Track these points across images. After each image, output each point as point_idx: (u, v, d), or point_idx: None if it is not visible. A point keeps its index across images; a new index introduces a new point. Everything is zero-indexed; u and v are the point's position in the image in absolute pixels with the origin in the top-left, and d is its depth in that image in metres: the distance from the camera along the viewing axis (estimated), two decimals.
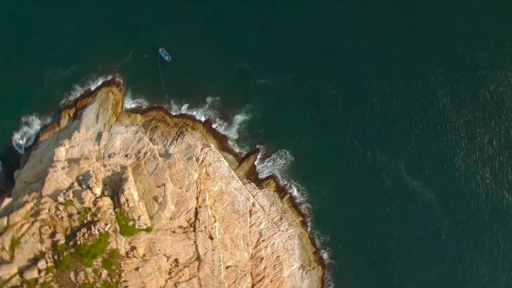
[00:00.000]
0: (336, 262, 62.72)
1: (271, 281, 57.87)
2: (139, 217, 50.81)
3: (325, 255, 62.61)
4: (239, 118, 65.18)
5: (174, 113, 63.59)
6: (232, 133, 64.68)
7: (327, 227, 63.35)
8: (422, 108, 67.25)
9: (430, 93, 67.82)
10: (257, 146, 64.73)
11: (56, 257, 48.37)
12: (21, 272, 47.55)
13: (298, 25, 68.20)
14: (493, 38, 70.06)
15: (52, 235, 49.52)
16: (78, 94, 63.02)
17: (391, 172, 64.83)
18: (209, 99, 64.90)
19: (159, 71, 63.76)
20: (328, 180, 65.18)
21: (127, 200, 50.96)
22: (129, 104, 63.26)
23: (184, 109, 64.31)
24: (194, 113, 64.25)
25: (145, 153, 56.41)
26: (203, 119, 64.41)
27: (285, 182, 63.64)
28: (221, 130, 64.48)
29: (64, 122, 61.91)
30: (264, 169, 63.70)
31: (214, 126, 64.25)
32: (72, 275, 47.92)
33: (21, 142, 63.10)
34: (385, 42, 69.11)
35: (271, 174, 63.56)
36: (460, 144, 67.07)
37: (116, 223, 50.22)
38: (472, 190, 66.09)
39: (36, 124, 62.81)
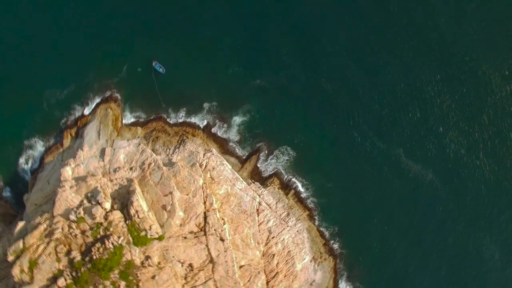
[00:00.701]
0: (347, 251, 64.47)
1: (285, 276, 59.74)
2: (150, 226, 52.68)
3: (335, 246, 64.36)
4: (237, 119, 67.00)
5: (173, 122, 65.48)
6: (232, 136, 66.47)
7: (334, 218, 65.13)
8: (416, 93, 68.80)
9: (422, 79, 69.32)
10: (258, 145, 66.50)
11: (74, 273, 50.18)
12: None
13: (285, 25, 69.87)
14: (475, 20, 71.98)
15: (68, 253, 51.41)
16: (78, 113, 64.99)
17: (391, 158, 66.52)
18: (206, 105, 66.70)
19: (154, 83, 65.60)
20: (331, 172, 66.89)
21: (136, 211, 52.81)
22: (129, 118, 65.19)
23: (182, 117, 66.15)
24: (193, 120, 66.08)
25: (149, 164, 58.27)
26: (202, 125, 66.20)
27: (289, 178, 65.40)
28: (221, 133, 66.28)
29: (66, 142, 63.88)
30: (267, 167, 65.46)
31: (213, 130, 66.07)
32: None
33: (26, 166, 65.05)
34: (374, 33, 70.74)
35: (274, 171, 65.34)
36: (458, 124, 68.68)
37: (129, 235, 52.07)
38: (474, 169, 67.65)
39: (39, 146, 64.83)
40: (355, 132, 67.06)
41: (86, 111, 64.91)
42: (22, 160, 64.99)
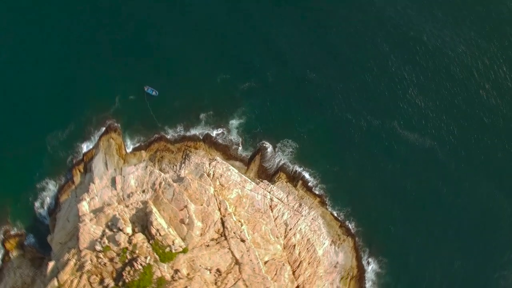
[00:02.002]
0: (363, 228, 67.69)
1: (309, 263, 63.34)
2: (173, 241, 56.44)
3: (351, 226, 67.63)
4: (235, 123, 70.56)
5: (174, 139, 69.04)
6: (233, 140, 69.92)
7: (345, 200, 68.52)
8: (398, 65, 73.04)
9: (399, 50, 74.00)
10: (259, 144, 69.99)
11: None
12: None
13: (259, 27, 74.13)
14: None
15: (101, 281, 55.07)
16: (82, 149, 68.70)
17: (387, 132, 70.27)
18: (202, 116, 70.26)
19: (147, 107, 69.39)
20: (334, 156, 70.43)
21: (157, 230, 56.65)
22: (131, 144, 68.83)
23: (182, 132, 69.70)
24: (192, 132, 69.57)
25: (160, 183, 62.08)
26: (202, 136, 69.84)
27: (295, 170, 68.82)
28: (222, 140, 69.75)
29: (77, 178, 67.62)
30: (272, 164, 68.89)
31: (214, 139, 69.58)
32: None
33: (43, 210, 68.66)
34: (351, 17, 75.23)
35: (279, 166, 68.83)
36: (445, 86, 72.79)
37: (154, 253, 55.83)
38: (471, 125, 71.60)
39: (52, 188, 68.34)
40: (349, 114, 70.80)
41: (90, 146, 68.60)
42: (37, 204, 68.47)
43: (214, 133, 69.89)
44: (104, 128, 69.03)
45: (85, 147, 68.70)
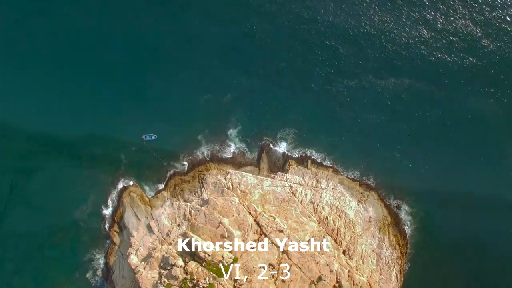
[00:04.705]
0: (380, 179, 75.58)
1: (345, 228, 71.07)
2: (222, 256, 64.34)
3: (369, 181, 75.49)
4: (233, 132, 78.35)
5: (185, 170, 77.06)
6: (236, 149, 77.83)
7: (355, 162, 76.42)
8: (359, 31, 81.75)
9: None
10: (261, 143, 77.80)
11: None
12: None
13: (223, 42, 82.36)
14: None
15: None
16: (110, 212, 76.75)
17: (367, 86, 78.33)
18: (200, 137, 78.05)
19: (150, 151, 77.21)
20: (331, 129, 78.39)
21: (204, 252, 64.55)
22: (150, 190, 76.81)
23: (189, 161, 77.52)
24: (199, 156, 77.38)
25: (190, 212, 70.00)
26: (208, 157, 77.44)
27: (301, 153, 76.67)
28: (226, 153, 77.61)
29: (116, 239, 75.61)
30: (279, 155, 76.70)
31: (219, 155, 77.41)
32: None
33: (97, 278, 76.63)
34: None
35: (286, 155, 76.62)
36: (405, 24, 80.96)
37: (211, 273, 63.72)
38: (441, 55, 79.77)
39: (98, 256, 76.20)
40: (327, 86, 78.74)
41: (115, 206, 76.43)
42: (90, 275, 76.19)
43: (217, 150, 77.65)
44: (121, 186, 77.05)
45: (111, 209, 76.70)
